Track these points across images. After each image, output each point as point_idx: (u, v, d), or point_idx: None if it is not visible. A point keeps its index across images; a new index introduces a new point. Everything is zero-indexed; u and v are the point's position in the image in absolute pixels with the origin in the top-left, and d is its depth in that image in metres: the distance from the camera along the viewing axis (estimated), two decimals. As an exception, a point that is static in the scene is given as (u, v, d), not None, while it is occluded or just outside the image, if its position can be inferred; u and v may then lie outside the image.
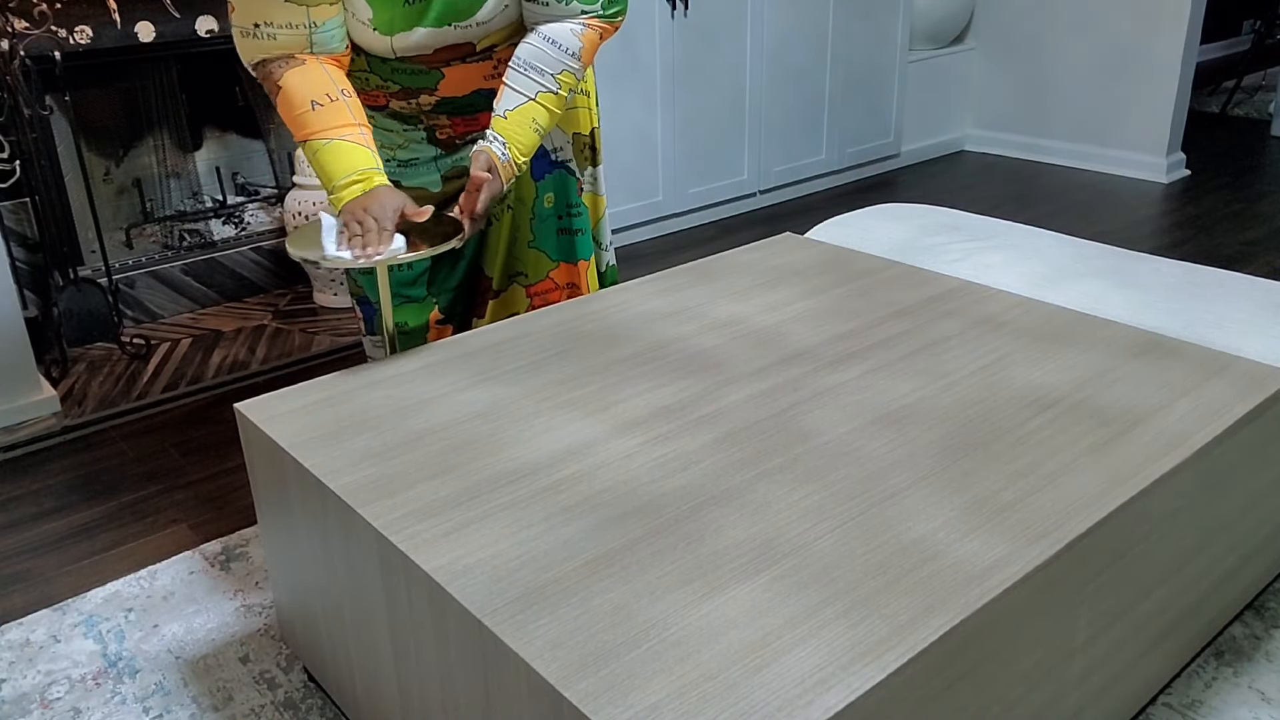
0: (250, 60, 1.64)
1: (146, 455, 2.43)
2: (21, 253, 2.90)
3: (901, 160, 4.72)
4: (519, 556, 1.16)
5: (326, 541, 1.38)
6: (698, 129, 3.88)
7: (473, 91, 1.81)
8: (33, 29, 2.73)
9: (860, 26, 4.28)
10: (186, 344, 3.02)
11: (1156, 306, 2.00)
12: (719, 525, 1.21)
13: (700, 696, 0.95)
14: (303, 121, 1.62)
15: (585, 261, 2.02)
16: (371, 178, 1.62)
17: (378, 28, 1.65)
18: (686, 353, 1.66)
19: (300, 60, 1.63)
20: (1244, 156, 4.61)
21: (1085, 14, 4.34)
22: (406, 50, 1.70)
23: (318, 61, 1.64)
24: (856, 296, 1.87)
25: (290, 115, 1.62)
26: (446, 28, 1.67)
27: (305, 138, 1.62)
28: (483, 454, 1.38)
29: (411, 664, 1.25)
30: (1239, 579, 1.62)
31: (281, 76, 1.61)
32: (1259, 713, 1.52)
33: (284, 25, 1.60)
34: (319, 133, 1.61)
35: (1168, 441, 1.37)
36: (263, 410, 1.52)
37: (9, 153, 2.79)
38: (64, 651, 1.78)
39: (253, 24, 1.59)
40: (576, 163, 1.99)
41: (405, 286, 1.98)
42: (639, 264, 3.61)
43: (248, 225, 3.42)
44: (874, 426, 1.42)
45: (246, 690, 1.67)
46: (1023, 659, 1.18)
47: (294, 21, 1.60)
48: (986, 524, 1.20)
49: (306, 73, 1.62)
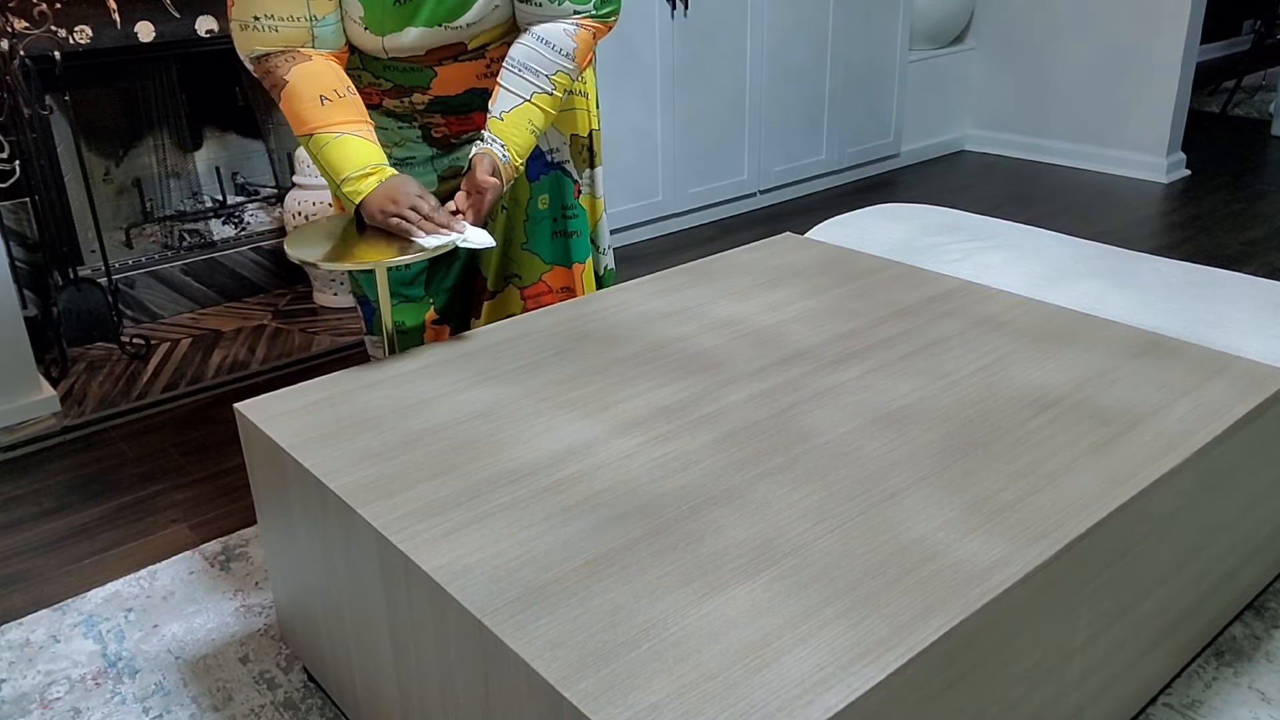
0: (249, 53, 1.65)
1: (146, 455, 2.43)
2: (21, 252, 2.90)
3: (901, 160, 4.72)
4: (519, 556, 1.16)
5: (326, 541, 1.38)
6: (698, 129, 3.88)
7: (466, 91, 1.81)
8: (33, 29, 2.73)
9: (860, 26, 4.28)
10: (186, 344, 3.02)
11: (1156, 306, 2.00)
12: (719, 525, 1.21)
13: (700, 696, 0.95)
14: (309, 116, 1.62)
15: (580, 265, 2.02)
16: (383, 170, 1.65)
17: (368, 26, 1.65)
18: (686, 353, 1.66)
19: (306, 56, 1.63)
20: (1244, 156, 4.61)
21: (1085, 14, 4.34)
22: (398, 50, 1.70)
23: (322, 57, 1.65)
24: (856, 296, 1.87)
25: (296, 110, 1.63)
26: (437, 28, 1.67)
27: (311, 131, 1.63)
28: (483, 454, 1.38)
29: (411, 664, 1.25)
30: (1239, 579, 1.62)
31: (288, 71, 1.62)
32: (1259, 713, 1.52)
33: (285, 18, 1.60)
34: (327, 127, 1.62)
35: (1168, 441, 1.37)
36: (263, 410, 1.52)
37: (9, 153, 2.79)
38: (64, 651, 1.78)
39: (252, 17, 1.60)
40: (574, 164, 1.98)
41: (403, 286, 1.98)
42: (639, 264, 3.61)
43: (248, 225, 3.42)
44: (874, 426, 1.42)
45: (246, 690, 1.67)
46: (1023, 659, 1.18)
47: (295, 14, 1.60)
48: (986, 524, 1.20)
49: (313, 68, 1.63)
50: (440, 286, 2.00)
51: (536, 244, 1.99)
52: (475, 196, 1.67)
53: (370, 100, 1.84)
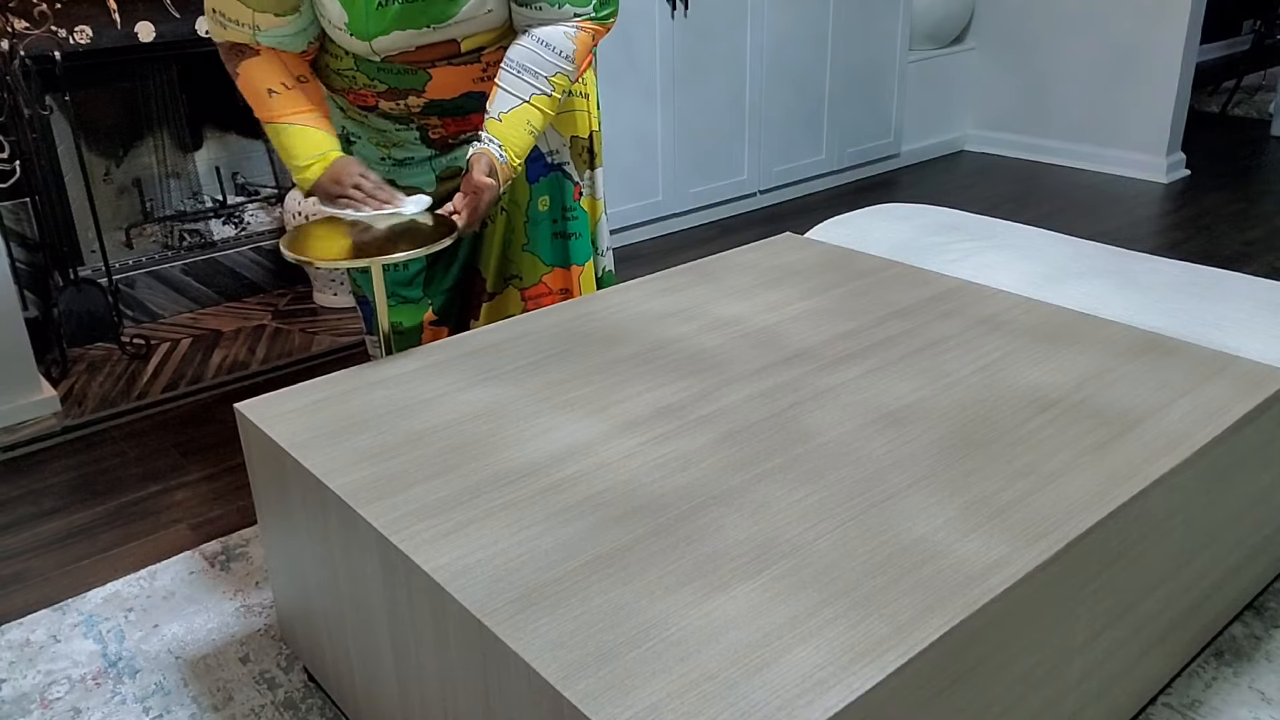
0: (214, 38, 1.75)
1: (146, 455, 2.43)
2: (21, 253, 2.90)
3: (901, 160, 4.72)
4: (519, 556, 1.16)
5: (326, 541, 1.38)
6: (697, 129, 3.88)
7: (462, 94, 1.81)
8: (33, 29, 2.73)
9: (860, 26, 4.28)
10: (186, 344, 3.02)
11: (1156, 306, 2.00)
12: (719, 525, 1.21)
13: (700, 696, 0.95)
14: (260, 105, 1.74)
15: (579, 267, 2.01)
16: (329, 155, 1.73)
17: (354, 33, 1.66)
18: (686, 353, 1.66)
19: (255, 51, 1.72)
20: (1244, 156, 4.61)
21: (1085, 14, 4.34)
22: (388, 50, 1.70)
23: (273, 53, 1.73)
24: (856, 296, 1.87)
25: (249, 99, 1.75)
26: (426, 29, 1.67)
27: (265, 120, 1.74)
28: (483, 454, 1.38)
29: (411, 664, 1.25)
30: (1239, 579, 1.62)
31: (239, 64, 1.73)
32: (1259, 713, 1.52)
33: (233, 20, 1.69)
34: (278, 117, 1.73)
35: (1168, 441, 1.37)
36: (263, 410, 1.52)
37: (9, 153, 2.79)
38: (64, 651, 1.78)
39: (213, 9, 1.69)
40: (574, 166, 1.98)
41: (401, 287, 1.98)
42: (639, 264, 3.61)
43: (247, 225, 3.42)
44: (874, 426, 1.42)
45: (246, 690, 1.67)
46: (1023, 659, 1.18)
47: (241, 20, 1.68)
48: (986, 524, 1.20)
49: (260, 62, 1.72)
50: (439, 287, 2.00)
51: (537, 245, 1.99)
52: (471, 196, 1.67)
53: (366, 102, 1.83)
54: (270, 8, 1.64)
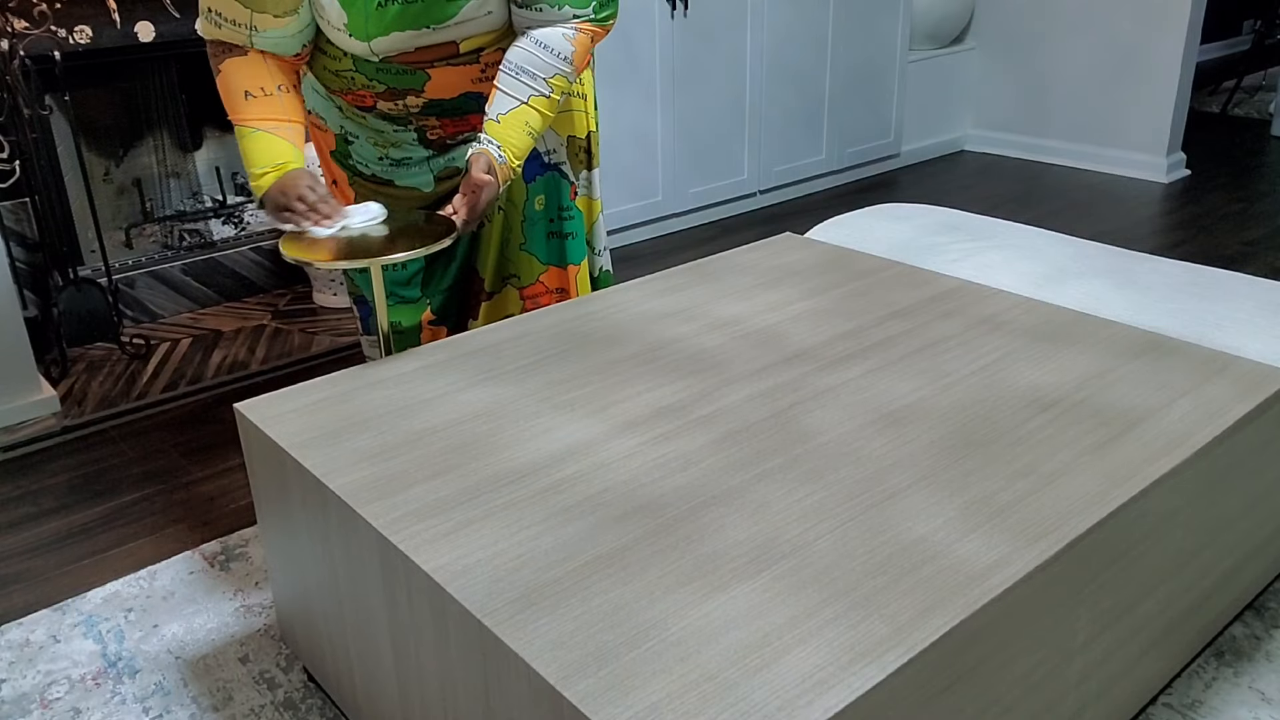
0: (204, 35, 1.74)
1: (146, 455, 2.43)
2: (21, 253, 2.90)
3: (901, 160, 4.72)
4: (519, 556, 1.16)
5: (326, 541, 1.38)
6: (697, 129, 3.88)
7: (461, 95, 1.81)
8: (33, 29, 2.73)
9: (860, 26, 4.28)
10: (186, 344, 3.02)
11: (1156, 306, 2.00)
12: (719, 525, 1.21)
13: (700, 696, 0.95)
14: (234, 107, 1.72)
15: (575, 266, 2.01)
16: (286, 166, 1.71)
17: (353, 33, 1.65)
18: (686, 353, 1.66)
19: (243, 50, 1.70)
20: (1244, 156, 4.61)
21: (1085, 14, 4.34)
22: (387, 51, 1.70)
23: (260, 56, 1.71)
24: (856, 297, 1.87)
25: (224, 97, 1.74)
26: (425, 30, 1.66)
27: (235, 121, 1.73)
28: (483, 454, 1.38)
29: (411, 664, 1.25)
30: (1239, 579, 1.62)
31: (223, 61, 1.72)
32: (1259, 713, 1.52)
33: (229, 20, 1.67)
34: (247, 121, 1.71)
35: (1168, 441, 1.37)
36: (263, 410, 1.52)
37: (9, 153, 2.79)
38: (64, 651, 1.78)
39: (209, 7, 1.68)
40: (571, 166, 1.98)
41: (400, 286, 1.98)
42: (638, 264, 3.61)
43: (247, 225, 3.42)
44: (874, 426, 1.42)
45: (246, 690, 1.67)
46: (1023, 659, 1.18)
47: (238, 20, 1.67)
48: (986, 524, 1.20)
49: (246, 62, 1.71)
50: (437, 287, 2.00)
51: (533, 244, 1.99)
52: (471, 194, 1.67)
53: (364, 103, 1.83)
54: (270, 9, 1.64)
